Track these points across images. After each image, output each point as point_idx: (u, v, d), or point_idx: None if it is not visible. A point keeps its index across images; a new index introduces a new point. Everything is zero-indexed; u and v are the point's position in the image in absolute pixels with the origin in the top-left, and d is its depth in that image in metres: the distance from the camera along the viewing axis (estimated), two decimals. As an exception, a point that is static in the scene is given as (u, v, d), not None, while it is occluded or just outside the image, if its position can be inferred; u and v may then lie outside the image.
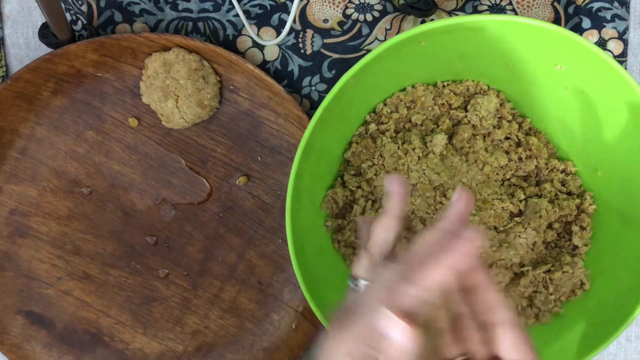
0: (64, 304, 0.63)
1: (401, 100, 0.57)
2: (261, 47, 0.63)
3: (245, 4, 0.62)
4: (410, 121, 0.58)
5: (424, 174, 0.56)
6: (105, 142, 0.62)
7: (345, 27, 0.62)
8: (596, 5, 0.61)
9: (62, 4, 0.60)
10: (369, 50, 0.61)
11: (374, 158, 0.56)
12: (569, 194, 0.59)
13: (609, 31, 0.61)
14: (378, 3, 0.62)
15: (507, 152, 0.58)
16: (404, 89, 0.58)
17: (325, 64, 0.62)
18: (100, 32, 0.62)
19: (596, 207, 0.58)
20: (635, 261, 0.54)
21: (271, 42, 0.61)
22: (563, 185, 0.59)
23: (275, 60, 0.63)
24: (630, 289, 0.53)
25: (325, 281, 0.54)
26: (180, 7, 0.62)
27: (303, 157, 0.51)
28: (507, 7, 0.62)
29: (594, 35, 0.62)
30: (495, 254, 0.57)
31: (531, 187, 0.58)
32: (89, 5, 0.62)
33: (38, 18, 0.64)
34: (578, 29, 0.61)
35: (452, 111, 0.58)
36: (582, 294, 0.57)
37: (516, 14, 0.62)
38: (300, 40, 0.62)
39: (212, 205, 0.63)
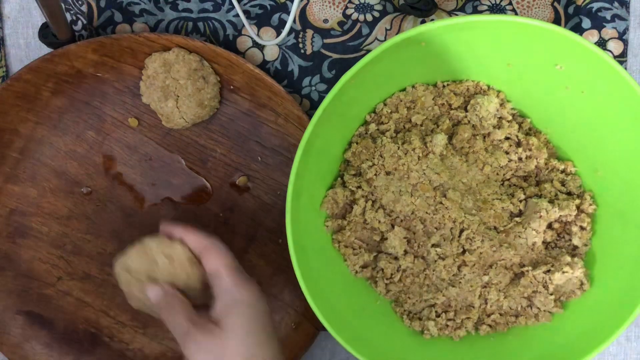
0: (64, 304, 0.63)
1: (401, 100, 0.57)
2: (261, 47, 0.63)
3: (245, 4, 0.62)
4: (410, 121, 0.58)
5: (424, 174, 0.56)
6: (105, 142, 0.62)
7: (345, 27, 0.62)
8: (596, 5, 0.61)
9: (62, 4, 0.60)
10: (369, 50, 0.61)
11: (374, 158, 0.56)
12: (569, 194, 0.59)
13: (609, 31, 0.61)
14: (378, 3, 0.62)
15: (507, 152, 0.58)
16: (404, 89, 0.58)
17: (325, 64, 0.62)
18: (100, 32, 0.62)
19: (596, 207, 0.58)
20: (635, 261, 0.54)
21: (271, 42, 0.61)
22: (563, 185, 0.59)
23: (275, 60, 0.63)
24: (630, 289, 0.53)
25: (325, 281, 0.54)
26: (180, 7, 0.62)
27: (303, 157, 0.51)
28: (507, 7, 0.62)
29: (594, 35, 0.62)
30: (495, 254, 0.57)
31: (531, 187, 0.58)
32: (89, 5, 0.62)
33: (38, 18, 0.64)
34: (578, 29, 0.61)
35: (452, 111, 0.58)
36: (582, 294, 0.57)
37: (516, 14, 0.62)
38: (300, 40, 0.62)
39: (212, 205, 0.63)
